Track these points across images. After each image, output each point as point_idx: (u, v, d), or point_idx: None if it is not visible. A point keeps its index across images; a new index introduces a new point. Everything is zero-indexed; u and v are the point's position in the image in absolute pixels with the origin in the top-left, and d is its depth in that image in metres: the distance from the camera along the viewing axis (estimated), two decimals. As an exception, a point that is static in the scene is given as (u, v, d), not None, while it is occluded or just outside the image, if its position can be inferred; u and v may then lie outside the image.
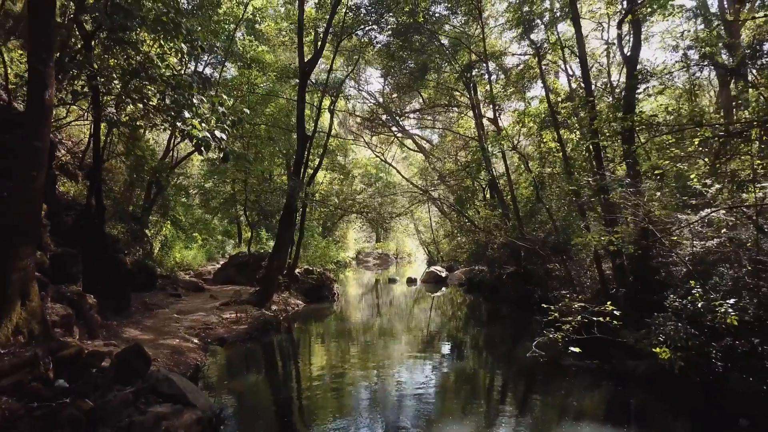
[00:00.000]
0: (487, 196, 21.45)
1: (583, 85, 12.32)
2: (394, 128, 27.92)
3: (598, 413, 6.67)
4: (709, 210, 7.22)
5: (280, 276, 15.00)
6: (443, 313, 16.78)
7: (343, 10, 15.19)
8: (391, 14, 15.72)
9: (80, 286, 8.06)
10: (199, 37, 7.34)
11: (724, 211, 7.26)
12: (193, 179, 23.38)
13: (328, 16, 14.25)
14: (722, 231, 7.01)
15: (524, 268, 13.58)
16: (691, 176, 7.31)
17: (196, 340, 9.72)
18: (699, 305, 6.50)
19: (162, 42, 7.38)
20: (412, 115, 28.45)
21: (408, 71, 20.09)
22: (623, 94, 12.70)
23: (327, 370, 8.89)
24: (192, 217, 19.78)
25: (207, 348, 9.61)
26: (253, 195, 20.12)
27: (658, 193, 7.32)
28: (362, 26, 15.63)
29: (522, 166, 16.02)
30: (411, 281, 25.60)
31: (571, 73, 14.08)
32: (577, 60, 12.10)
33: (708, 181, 7.67)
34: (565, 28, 16.03)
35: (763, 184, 6.53)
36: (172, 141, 17.32)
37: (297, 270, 17.21)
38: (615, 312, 6.79)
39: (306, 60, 13.94)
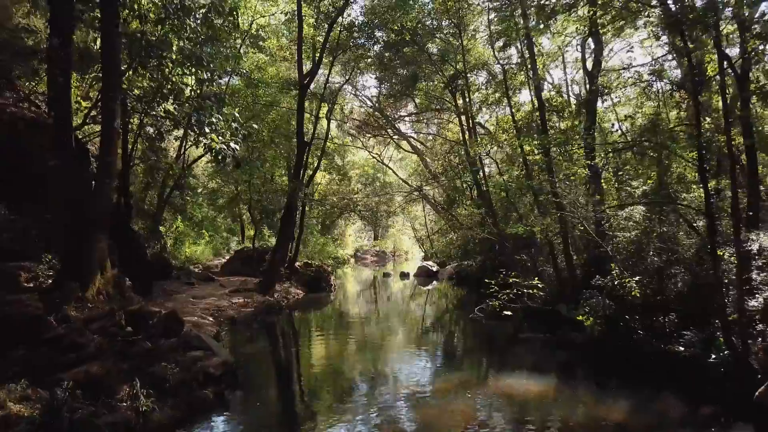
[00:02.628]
0: (474, 195, 23.16)
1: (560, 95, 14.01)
2: (389, 130, 29.59)
3: (541, 367, 8.31)
4: (630, 207, 8.92)
5: (281, 268, 16.71)
6: (427, 300, 18.52)
7: (338, 28, 16.85)
8: (381, 32, 17.42)
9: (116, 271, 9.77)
10: (216, 67, 9.04)
11: (643, 208, 8.96)
12: (200, 179, 25.06)
13: (324, 33, 15.95)
14: (638, 224, 8.69)
15: (499, 261, 15.26)
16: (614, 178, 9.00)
17: (210, 319, 11.43)
18: (615, 283, 8.20)
19: (186, 71, 9.10)
20: (406, 119, 30.18)
21: (400, 80, 21.80)
22: (586, 104, 14.43)
23: (321, 340, 10.65)
24: (201, 215, 21.50)
25: (220, 325, 11.32)
26: (257, 195, 21.81)
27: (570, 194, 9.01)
28: (355, 43, 17.30)
29: (502, 167, 17.74)
30: (404, 276, 27.26)
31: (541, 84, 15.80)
32: (557, 68, 13.79)
33: (634, 183, 9.40)
34: (545, 41, 17.73)
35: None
36: (183, 146, 19.02)
37: (297, 263, 18.93)
38: (539, 285, 8.50)
39: (305, 73, 15.63)
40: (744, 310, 6.64)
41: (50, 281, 6.89)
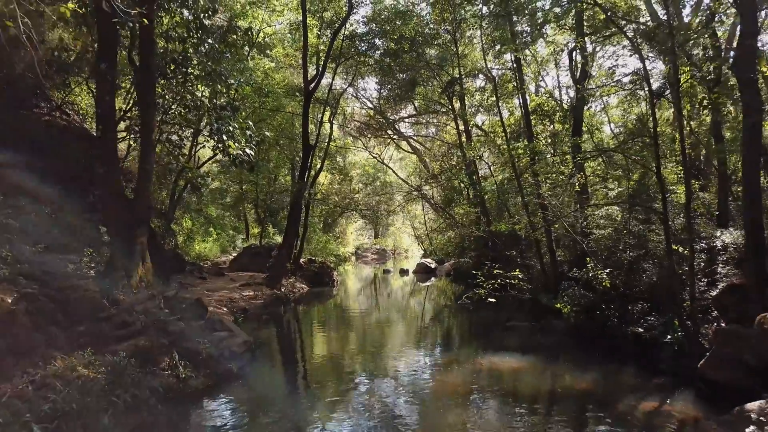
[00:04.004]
0: (471, 195, 24.17)
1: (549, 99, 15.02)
2: (389, 131, 30.57)
3: (522, 349, 9.27)
4: (606, 207, 9.94)
5: (287, 264, 17.73)
6: (423, 294, 19.55)
7: (341, 38, 17.84)
8: (381, 40, 18.43)
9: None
10: (234, 82, 10.06)
11: (618, 207, 9.99)
12: (205, 179, 26.08)
13: (328, 42, 16.94)
14: (612, 222, 9.71)
15: (492, 257, 16.27)
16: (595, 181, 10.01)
17: (225, 309, 12.46)
18: (590, 275, 9.22)
19: (205, 84, 10.11)
20: (406, 120, 31.18)
21: (399, 84, 22.80)
22: (573, 110, 15.42)
23: (326, 328, 11.69)
24: (214, 213, 22.57)
25: (233, 314, 12.35)
26: (263, 194, 22.84)
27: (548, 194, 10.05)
28: (357, 51, 18.30)
29: (496, 168, 18.77)
30: (403, 272, 28.29)
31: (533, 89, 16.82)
32: (553, 71, 14.79)
33: (611, 185, 10.42)
34: (540, 46, 18.72)
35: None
36: (194, 147, 20.01)
37: (302, 260, 19.96)
38: (520, 276, 9.54)
39: (309, 79, 16.63)
40: (695, 298, 7.65)
41: (92, 271, 7.92)
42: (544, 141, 16.35)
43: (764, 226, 6.93)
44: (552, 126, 16.07)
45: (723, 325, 7.22)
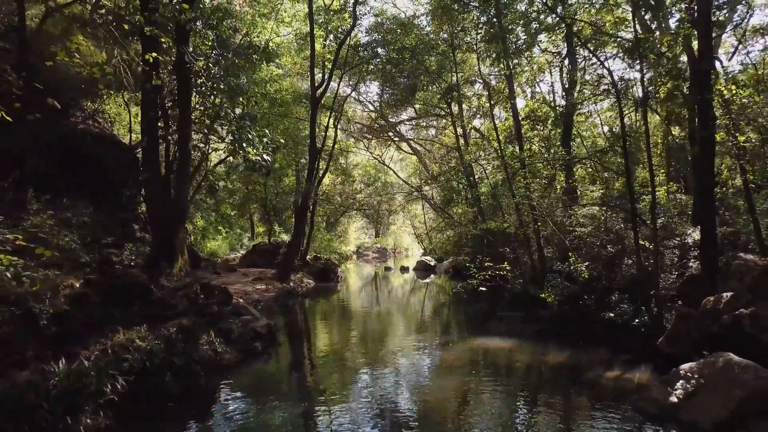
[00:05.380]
0: (469, 196, 25.30)
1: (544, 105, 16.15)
2: (390, 133, 31.70)
3: (510, 333, 10.41)
4: (587, 207, 11.07)
5: (295, 260, 18.87)
6: (422, 289, 20.70)
7: (346, 48, 18.97)
8: (383, 49, 19.57)
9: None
10: (253, 95, 11.20)
11: (597, 208, 11.12)
12: (222, 180, 27.23)
13: (334, 51, 18.07)
14: (592, 220, 10.84)
15: (487, 254, 17.40)
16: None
17: (241, 300, 13.58)
18: (571, 268, 10.35)
19: (228, 98, 11.25)
20: (406, 122, 32.33)
21: (400, 89, 23.93)
22: (563, 116, 16.52)
23: (334, 317, 12.83)
24: (227, 212, 23.76)
25: (248, 305, 13.49)
26: (270, 195, 23.99)
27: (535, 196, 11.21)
28: (361, 60, 19.44)
29: (491, 170, 19.90)
30: (404, 269, 29.43)
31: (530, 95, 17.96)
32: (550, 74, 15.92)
33: (592, 188, 11.55)
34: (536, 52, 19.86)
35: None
36: (207, 150, 21.14)
37: (308, 257, 21.11)
38: (508, 268, 10.68)
39: (315, 86, 17.75)
40: (659, 286, 8.78)
41: (132, 262, 9.07)
42: (537, 144, 17.55)
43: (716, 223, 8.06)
44: (545, 130, 17.21)
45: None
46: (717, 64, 14.15)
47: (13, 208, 7.44)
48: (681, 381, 5.40)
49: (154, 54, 7.03)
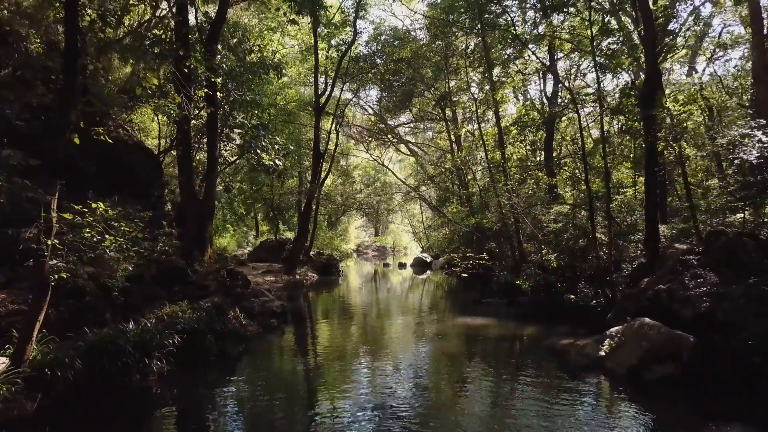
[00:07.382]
0: (462, 195, 26.91)
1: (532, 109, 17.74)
2: (389, 135, 33.26)
3: (489, 315, 12.00)
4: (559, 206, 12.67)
5: (300, 255, 20.48)
6: (417, 283, 22.33)
7: (347, 59, 20.56)
8: (382, 59, 21.21)
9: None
10: (266, 107, 12.80)
11: (567, 206, 12.72)
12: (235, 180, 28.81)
13: (336, 62, 19.66)
14: (564, 217, 12.44)
15: (477, 249, 19.04)
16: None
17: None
18: (543, 258, 11.95)
19: (245, 111, 12.84)
20: (405, 125, 33.92)
21: (398, 94, 25.55)
22: (546, 124, 18.09)
23: (337, 304, 14.44)
24: (241, 210, 25.49)
25: (261, 294, 15.12)
26: (275, 195, 25.60)
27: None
28: (361, 70, 21.07)
29: (481, 172, 21.55)
30: (402, 266, 31.00)
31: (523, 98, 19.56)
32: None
33: (568, 189, 13.14)
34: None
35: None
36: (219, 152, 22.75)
37: (311, 253, 22.72)
38: (486, 258, 12.29)
39: (319, 95, 19.35)
40: (613, 274, 10.36)
41: (165, 250, 10.67)
42: (524, 148, 19.19)
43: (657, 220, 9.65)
44: (530, 136, 18.82)
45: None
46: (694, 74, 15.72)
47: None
48: (608, 339, 7.01)
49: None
